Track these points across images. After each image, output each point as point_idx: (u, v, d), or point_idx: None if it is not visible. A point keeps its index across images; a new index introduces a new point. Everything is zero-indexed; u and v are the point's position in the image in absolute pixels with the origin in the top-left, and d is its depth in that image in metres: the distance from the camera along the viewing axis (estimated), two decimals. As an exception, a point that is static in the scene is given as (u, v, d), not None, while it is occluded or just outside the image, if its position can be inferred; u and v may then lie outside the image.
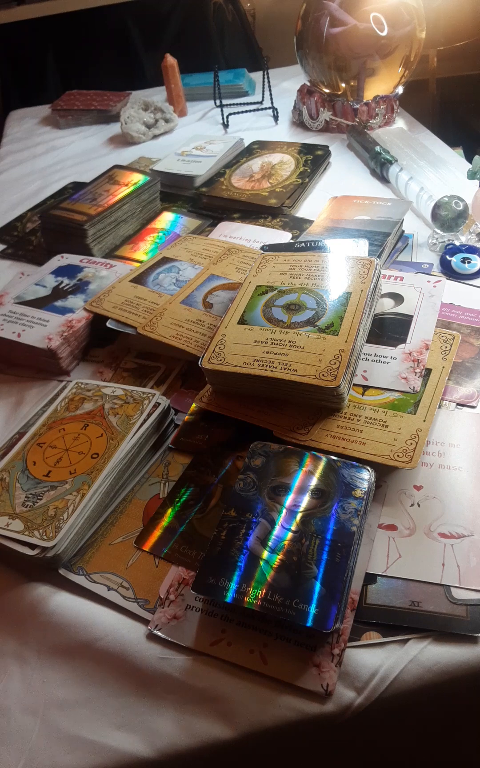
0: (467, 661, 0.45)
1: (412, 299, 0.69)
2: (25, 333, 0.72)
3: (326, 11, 1.10)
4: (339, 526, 0.49)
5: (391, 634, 0.46)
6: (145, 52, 1.99)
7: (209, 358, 0.60)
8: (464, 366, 0.66)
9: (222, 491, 0.57)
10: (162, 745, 0.43)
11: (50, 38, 1.97)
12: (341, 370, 0.56)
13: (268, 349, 0.59)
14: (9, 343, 0.72)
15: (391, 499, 0.55)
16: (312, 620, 0.44)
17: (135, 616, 0.50)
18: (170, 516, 0.56)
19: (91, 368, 0.74)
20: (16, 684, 0.47)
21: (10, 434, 0.63)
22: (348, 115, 1.19)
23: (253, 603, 0.45)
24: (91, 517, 0.55)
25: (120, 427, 0.60)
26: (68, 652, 0.48)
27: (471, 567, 0.49)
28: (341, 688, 0.44)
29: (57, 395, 0.66)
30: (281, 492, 0.52)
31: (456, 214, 0.83)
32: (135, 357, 0.74)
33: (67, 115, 1.43)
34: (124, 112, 1.32)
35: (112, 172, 1.03)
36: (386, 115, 1.20)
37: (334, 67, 1.15)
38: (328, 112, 1.20)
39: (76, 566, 0.53)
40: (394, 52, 1.12)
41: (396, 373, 0.62)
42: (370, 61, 1.12)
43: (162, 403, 0.62)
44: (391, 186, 1.02)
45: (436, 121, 2.07)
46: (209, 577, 0.47)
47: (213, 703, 0.45)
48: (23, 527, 0.52)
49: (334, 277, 0.66)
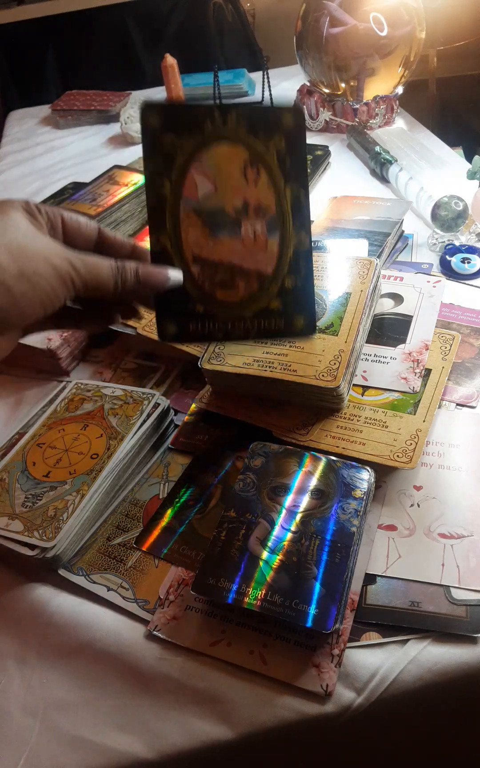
0: (467, 662, 0.45)
1: (411, 299, 0.69)
2: (24, 333, 0.72)
3: (326, 11, 1.10)
4: (339, 526, 0.49)
5: (390, 635, 0.46)
6: (145, 52, 2.00)
7: (209, 359, 0.60)
8: (464, 366, 0.66)
9: (222, 491, 0.57)
10: (161, 746, 0.43)
11: (50, 38, 1.97)
12: (341, 371, 0.56)
13: (268, 350, 0.59)
14: (9, 343, 0.72)
15: (391, 499, 0.55)
16: (312, 621, 0.44)
17: (135, 616, 0.50)
18: (170, 516, 0.56)
19: (90, 368, 0.74)
20: (15, 684, 0.47)
21: (9, 434, 0.63)
22: (348, 115, 1.19)
23: (252, 603, 0.45)
24: (91, 517, 0.55)
25: (120, 427, 0.60)
26: (68, 653, 0.48)
27: (471, 567, 0.49)
28: (341, 688, 0.44)
29: (57, 395, 0.66)
30: (281, 492, 0.52)
31: (456, 214, 0.83)
32: (135, 357, 0.74)
33: (67, 115, 1.43)
34: (124, 112, 1.32)
35: (112, 172, 1.03)
36: (386, 115, 1.20)
37: (334, 67, 1.15)
38: (328, 112, 1.20)
39: (76, 567, 0.53)
40: (393, 52, 1.12)
41: (396, 373, 0.62)
42: (369, 61, 1.12)
43: (162, 404, 0.62)
44: (391, 186, 1.02)
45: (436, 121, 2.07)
46: (209, 578, 0.47)
47: (213, 704, 0.45)
48: (23, 528, 0.52)
49: (334, 277, 0.66)
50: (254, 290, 0.44)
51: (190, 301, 0.43)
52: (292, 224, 0.44)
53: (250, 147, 0.42)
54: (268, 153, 0.42)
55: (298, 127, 0.43)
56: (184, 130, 0.41)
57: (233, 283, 0.43)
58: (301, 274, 0.44)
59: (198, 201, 0.42)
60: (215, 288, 0.43)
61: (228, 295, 0.43)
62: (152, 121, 0.41)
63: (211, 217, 0.42)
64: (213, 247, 0.42)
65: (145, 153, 0.41)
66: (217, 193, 0.42)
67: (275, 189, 0.43)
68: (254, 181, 0.42)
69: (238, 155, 0.42)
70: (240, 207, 0.42)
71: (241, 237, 0.43)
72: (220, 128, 0.41)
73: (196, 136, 0.41)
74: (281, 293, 0.44)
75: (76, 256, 0.38)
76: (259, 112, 0.42)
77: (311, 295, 0.45)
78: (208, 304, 0.43)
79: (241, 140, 0.42)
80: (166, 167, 0.41)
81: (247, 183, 0.42)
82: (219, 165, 0.42)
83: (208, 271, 0.43)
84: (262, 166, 0.42)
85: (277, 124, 0.42)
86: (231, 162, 0.42)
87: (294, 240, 0.44)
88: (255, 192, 0.42)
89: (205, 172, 0.42)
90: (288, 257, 0.44)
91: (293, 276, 0.44)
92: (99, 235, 0.42)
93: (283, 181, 0.43)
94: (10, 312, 0.35)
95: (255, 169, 0.42)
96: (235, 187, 0.42)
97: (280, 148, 0.42)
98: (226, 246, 0.43)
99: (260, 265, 0.43)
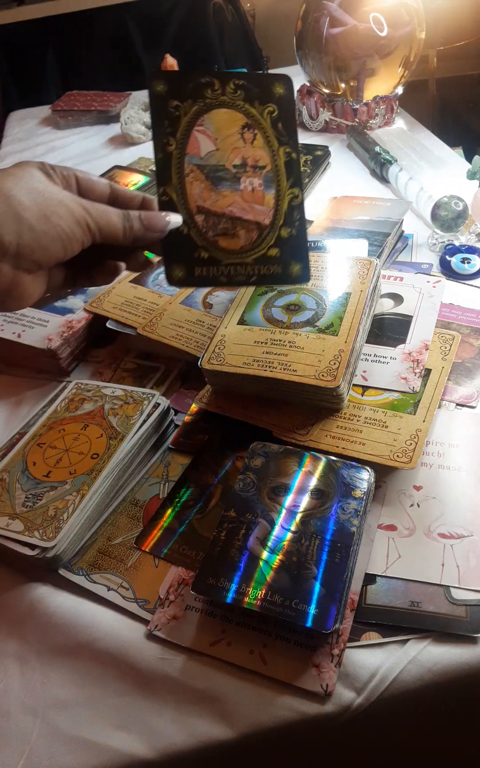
0: (467, 662, 0.45)
1: (411, 299, 0.69)
2: (25, 333, 0.72)
3: (326, 11, 1.10)
4: (338, 526, 0.49)
5: (390, 635, 0.46)
6: (145, 52, 2.00)
7: (209, 359, 0.60)
8: (464, 366, 0.66)
9: (222, 491, 0.57)
10: (161, 746, 0.43)
11: (50, 38, 1.97)
12: (341, 371, 0.56)
13: (268, 350, 0.59)
14: (9, 343, 0.72)
15: (391, 499, 0.55)
16: (312, 620, 0.44)
17: (135, 616, 0.50)
18: (170, 516, 0.56)
19: (91, 368, 0.74)
20: (16, 684, 0.47)
21: (10, 434, 0.63)
22: (348, 115, 1.19)
23: (252, 603, 0.45)
24: (91, 517, 0.55)
25: (120, 427, 0.60)
26: (68, 652, 0.49)
27: (471, 567, 0.49)
28: (341, 688, 0.44)
29: (57, 396, 0.66)
30: (281, 492, 0.52)
31: (456, 214, 0.83)
32: (135, 357, 0.74)
33: (67, 115, 1.43)
34: (124, 113, 1.32)
35: (112, 172, 1.03)
36: (386, 115, 1.20)
37: (334, 67, 1.15)
38: (328, 113, 1.20)
39: (76, 566, 0.53)
40: (393, 52, 1.12)
41: (395, 373, 0.62)
42: (369, 62, 1.12)
43: (162, 404, 0.62)
44: (390, 186, 1.02)
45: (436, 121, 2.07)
46: (209, 578, 0.47)
47: (213, 704, 0.45)
48: (23, 527, 0.52)
49: (334, 277, 0.66)
50: (254, 239, 0.48)
51: (195, 248, 0.47)
52: (286, 180, 0.48)
53: (246, 113, 0.47)
54: (263, 118, 0.47)
55: (289, 95, 0.47)
56: (187, 96, 0.45)
57: (235, 232, 0.48)
58: (296, 225, 0.49)
59: (201, 158, 0.46)
60: (218, 236, 0.47)
61: (230, 243, 0.48)
62: (159, 88, 0.45)
63: (212, 172, 0.47)
64: (215, 199, 0.47)
65: (152, 116, 0.45)
66: (218, 152, 0.47)
67: (270, 149, 0.48)
68: (251, 141, 0.47)
69: (236, 119, 0.47)
70: (239, 164, 0.47)
71: (241, 191, 0.47)
72: (220, 96, 0.46)
73: (198, 102, 0.46)
74: (278, 242, 0.49)
75: (88, 203, 0.42)
76: (254, 81, 0.47)
77: (305, 244, 0.50)
78: (212, 251, 0.47)
79: (239, 107, 0.46)
80: (171, 128, 0.46)
81: (244, 143, 0.47)
82: (219, 127, 0.46)
83: (211, 220, 0.47)
84: (258, 129, 0.47)
85: (270, 93, 0.47)
86: (230, 125, 0.47)
87: (288, 194, 0.48)
88: (252, 151, 0.47)
89: (207, 133, 0.46)
90: (283, 210, 0.48)
91: (288, 227, 0.49)
92: (111, 191, 0.46)
93: (277, 143, 0.48)
94: (35, 250, 0.40)
95: (252, 132, 0.47)
96: (234, 146, 0.47)
97: (273, 115, 0.47)
98: (228, 198, 0.47)
99: (259, 216, 0.48)
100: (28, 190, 0.40)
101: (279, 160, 0.48)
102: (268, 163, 0.47)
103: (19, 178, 0.40)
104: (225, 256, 0.48)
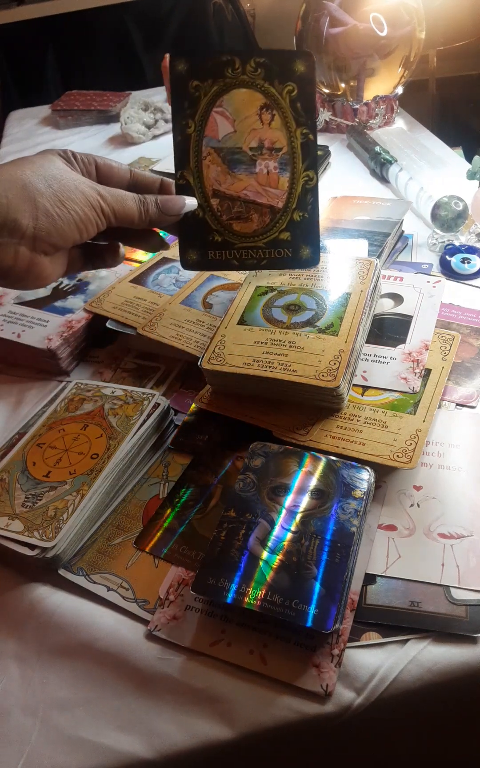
0: (467, 662, 0.45)
1: (411, 299, 0.69)
2: (24, 333, 0.72)
3: (326, 11, 1.10)
4: (339, 526, 0.49)
5: (390, 635, 0.46)
6: (145, 52, 2.00)
7: (209, 359, 0.60)
8: (464, 366, 0.66)
9: (222, 491, 0.57)
10: (161, 746, 0.43)
11: (50, 38, 1.97)
12: (341, 371, 0.56)
13: (268, 350, 0.59)
14: (9, 343, 0.72)
15: (391, 499, 0.55)
16: (312, 621, 0.44)
17: (135, 616, 0.50)
18: (170, 516, 0.56)
19: (90, 368, 0.74)
20: (15, 684, 0.47)
21: (9, 434, 0.63)
22: (348, 115, 1.19)
23: (252, 603, 0.45)
24: (91, 517, 0.55)
25: (120, 427, 0.60)
26: (68, 653, 0.48)
27: (471, 567, 0.49)
28: (341, 688, 0.44)
29: (57, 396, 0.66)
30: (281, 492, 0.52)
31: (456, 214, 0.83)
32: (135, 357, 0.74)
33: (67, 115, 1.43)
34: (124, 113, 1.32)
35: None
36: (386, 115, 1.20)
37: (334, 67, 1.15)
38: (328, 113, 1.20)
39: (76, 567, 0.53)
40: (393, 52, 1.12)
41: (395, 373, 0.62)
42: (369, 61, 1.12)
43: (162, 404, 0.62)
44: (390, 186, 1.02)
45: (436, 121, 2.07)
46: (209, 578, 0.47)
47: (212, 704, 0.45)
48: (23, 528, 0.52)
49: (334, 277, 0.66)
50: (266, 222, 0.49)
51: (209, 231, 0.48)
52: (302, 163, 0.48)
53: (266, 92, 0.47)
54: (282, 98, 0.47)
55: (309, 72, 0.47)
56: (208, 76, 0.46)
57: (248, 215, 0.49)
58: (309, 209, 0.49)
59: (219, 140, 0.47)
60: (232, 220, 0.48)
61: (243, 227, 0.49)
62: (180, 67, 0.46)
63: (230, 155, 0.48)
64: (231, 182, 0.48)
65: (172, 97, 0.46)
66: (236, 134, 0.47)
67: (287, 131, 0.48)
68: (269, 123, 0.47)
69: (255, 99, 0.47)
70: (256, 146, 0.48)
71: (256, 174, 0.48)
72: (240, 75, 0.46)
73: (217, 82, 0.46)
74: (290, 226, 0.49)
75: (104, 188, 0.45)
76: (275, 59, 0.47)
77: (316, 227, 0.50)
78: (226, 234, 0.49)
79: (258, 86, 0.47)
80: (190, 109, 0.46)
81: (262, 124, 0.47)
82: (238, 108, 0.47)
83: (226, 204, 0.48)
84: (277, 110, 0.47)
85: (290, 71, 0.47)
86: (248, 106, 0.47)
87: (303, 177, 0.49)
88: (269, 133, 0.48)
89: (226, 115, 0.47)
90: (297, 193, 0.49)
91: (301, 210, 0.49)
92: (131, 177, 0.48)
93: (295, 124, 0.48)
94: (51, 233, 0.43)
95: (270, 113, 0.47)
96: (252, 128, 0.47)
97: (292, 94, 0.47)
98: (243, 182, 0.48)
99: (272, 199, 0.49)
100: (45, 177, 0.42)
101: (296, 141, 0.48)
102: (284, 145, 0.48)
103: (38, 166, 0.43)
104: (238, 240, 0.49)
